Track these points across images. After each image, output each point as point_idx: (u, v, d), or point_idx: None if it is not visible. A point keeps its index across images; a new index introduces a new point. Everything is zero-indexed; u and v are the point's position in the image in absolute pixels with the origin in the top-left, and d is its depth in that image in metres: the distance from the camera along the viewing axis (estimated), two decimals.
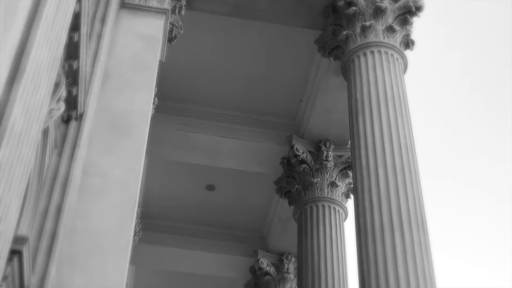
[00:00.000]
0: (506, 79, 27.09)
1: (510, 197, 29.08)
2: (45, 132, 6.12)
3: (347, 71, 10.53)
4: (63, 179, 6.50)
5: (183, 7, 10.48)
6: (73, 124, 6.95)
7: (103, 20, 7.93)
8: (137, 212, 10.58)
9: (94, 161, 7.17)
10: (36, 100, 4.19)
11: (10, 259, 4.99)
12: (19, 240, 5.09)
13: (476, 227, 32.73)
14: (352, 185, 11.89)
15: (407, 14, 10.75)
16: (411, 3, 10.78)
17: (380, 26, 10.45)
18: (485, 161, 31.01)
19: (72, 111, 6.83)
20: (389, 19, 10.56)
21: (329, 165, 12.88)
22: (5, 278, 5.01)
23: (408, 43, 10.82)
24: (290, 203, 13.39)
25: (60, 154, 6.69)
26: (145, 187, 14.69)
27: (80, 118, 7.00)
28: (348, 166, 12.87)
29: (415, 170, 9.27)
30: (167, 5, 9.54)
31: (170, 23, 9.94)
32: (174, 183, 15.13)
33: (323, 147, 12.97)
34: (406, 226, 8.60)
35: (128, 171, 7.14)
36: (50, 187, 6.40)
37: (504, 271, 31.50)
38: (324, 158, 12.88)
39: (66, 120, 6.91)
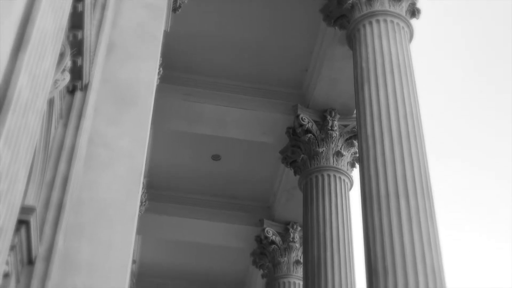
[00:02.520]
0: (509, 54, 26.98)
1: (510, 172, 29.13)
2: (51, 103, 6.12)
3: (353, 40, 10.49)
4: (69, 149, 6.50)
5: None
6: (78, 94, 6.93)
7: None
8: (143, 183, 10.60)
9: (100, 131, 7.17)
10: (41, 70, 4.18)
11: (17, 229, 5.02)
12: (26, 210, 5.12)
13: (480, 200, 32.81)
14: (357, 155, 11.90)
15: None
16: None
17: None
18: (488, 136, 31.02)
19: (77, 81, 6.82)
20: None
21: (335, 135, 12.88)
22: (12, 248, 5.04)
23: (414, 12, 10.76)
24: (295, 173, 13.41)
25: (65, 125, 6.69)
26: (150, 157, 14.72)
27: (85, 88, 6.98)
28: (354, 136, 12.87)
29: (420, 138, 9.28)
30: None
31: None
32: (179, 153, 15.15)
33: (329, 117, 12.96)
34: (411, 193, 8.63)
35: (133, 142, 7.14)
36: (56, 157, 6.41)
37: (507, 241, 31.71)
38: (330, 128, 12.88)
39: (71, 90, 6.90)
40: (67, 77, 6.22)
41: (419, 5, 10.86)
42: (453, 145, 32.34)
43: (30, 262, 5.60)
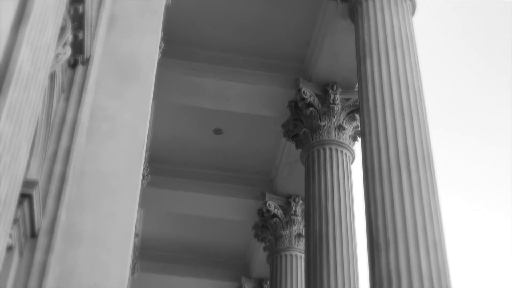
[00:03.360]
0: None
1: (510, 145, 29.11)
2: (52, 77, 6.12)
3: (355, 14, 10.45)
4: (71, 123, 6.52)
5: None
6: (79, 68, 6.94)
7: None
8: (145, 156, 10.62)
9: (102, 105, 7.18)
10: (42, 43, 4.18)
11: (20, 203, 5.05)
12: (29, 183, 5.15)
13: (481, 173, 32.84)
14: (359, 128, 11.91)
15: None
16: None
17: None
18: (489, 112, 30.99)
19: (78, 55, 6.81)
20: None
21: (336, 108, 12.87)
22: (15, 221, 5.08)
23: None
24: (297, 146, 13.42)
25: (67, 99, 6.70)
26: (152, 131, 14.74)
27: (86, 62, 6.98)
28: (356, 109, 12.86)
29: (422, 112, 9.28)
30: None
31: None
32: (181, 127, 15.16)
33: (331, 90, 12.94)
34: (413, 167, 8.65)
35: (135, 115, 7.15)
36: (58, 131, 6.43)
37: (508, 213, 31.81)
38: (332, 101, 12.87)
39: (72, 64, 6.90)
40: (68, 51, 6.22)
41: None
42: (454, 118, 32.33)
43: (33, 235, 5.64)
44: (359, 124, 12.14)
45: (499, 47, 29.48)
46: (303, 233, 14.29)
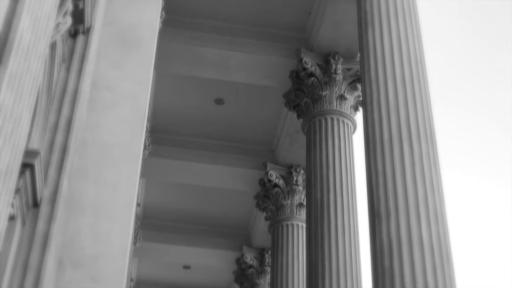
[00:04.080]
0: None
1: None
2: (53, 47, 6.10)
3: None
4: (72, 93, 6.51)
5: None
6: (80, 38, 6.91)
7: None
8: (146, 126, 10.63)
9: (103, 75, 7.17)
10: (43, 12, 4.16)
11: (22, 172, 5.06)
12: (30, 153, 5.15)
13: (483, 148, 32.88)
14: (361, 98, 11.88)
15: None
16: None
17: None
18: (489, 88, 30.94)
19: (79, 25, 6.78)
20: None
21: (338, 78, 12.84)
22: (18, 191, 5.09)
23: None
24: (298, 116, 13.41)
25: (68, 69, 6.68)
26: (154, 101, 14.72)
27: (87, 32, 6.95)
28: (357, 79, 12.83)
29: (424, 82, 9.25)
30: None
31: None
32: (182, 97, 15.14)
33: (332, 60, 12.90)
34: (414, 138, 8.65)
35: (137, 84, 7.15)
36: (59, 101, 6.42)
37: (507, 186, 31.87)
38: (333, 71, 12.84)
39: (73, 34, 6.87)
40: (69, 20, 6.20)
41: None
42: (455, 93, 32.29)
43: (36, 204, 5.66)
44: (360, 94, 12.13)
45: (498, 24, 29.39)
46: (305, 203, 14.33)
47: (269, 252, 17.70)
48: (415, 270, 7.85)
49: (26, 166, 5.11)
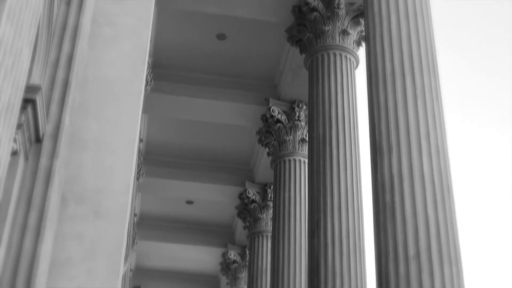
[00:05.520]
0: None
1: None
2: None
3: None
4: (72, 28, 6.46)
5: None
6: None
7: None
8: (148, 62, 10.58)
9: (104, 10, 7.11)
10: None
11: (24, 108, 5.06)
12: (32, 89, 5.14)
13: (484, 87, 32.76)
14: (363, 33, 11.80)
15: None
16: None
17: None
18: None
19: None
20: None
21: (341, 13, 12.72)
22: (20, 126, 5.09)
23: None
24: (301, 52, 13.33)
25: (68, 3, 6.61)
26: (155, 37, 14.63)
27: None
28: (360, 14, 12.70)
29: (427, 15, 9.18)
30: None
31: None
32: (184, 33, 15.03)
33: None
34: (417, 71, 8.62)
35: (138, 19, 7.10)
36: (60, 36, 6.37)
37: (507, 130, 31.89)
38: (336, 6, 12.70)
39: None
40: None
41: None
42: (458, 30, 32.01)
43: (38, 140, 5.67)
44: (363, 29, 12.03)
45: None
46: (307, 138, 14.37)
47: (272, 187, 17.82)
48: (416, 204, 7.92)
49: (28, 102, 5.10)
